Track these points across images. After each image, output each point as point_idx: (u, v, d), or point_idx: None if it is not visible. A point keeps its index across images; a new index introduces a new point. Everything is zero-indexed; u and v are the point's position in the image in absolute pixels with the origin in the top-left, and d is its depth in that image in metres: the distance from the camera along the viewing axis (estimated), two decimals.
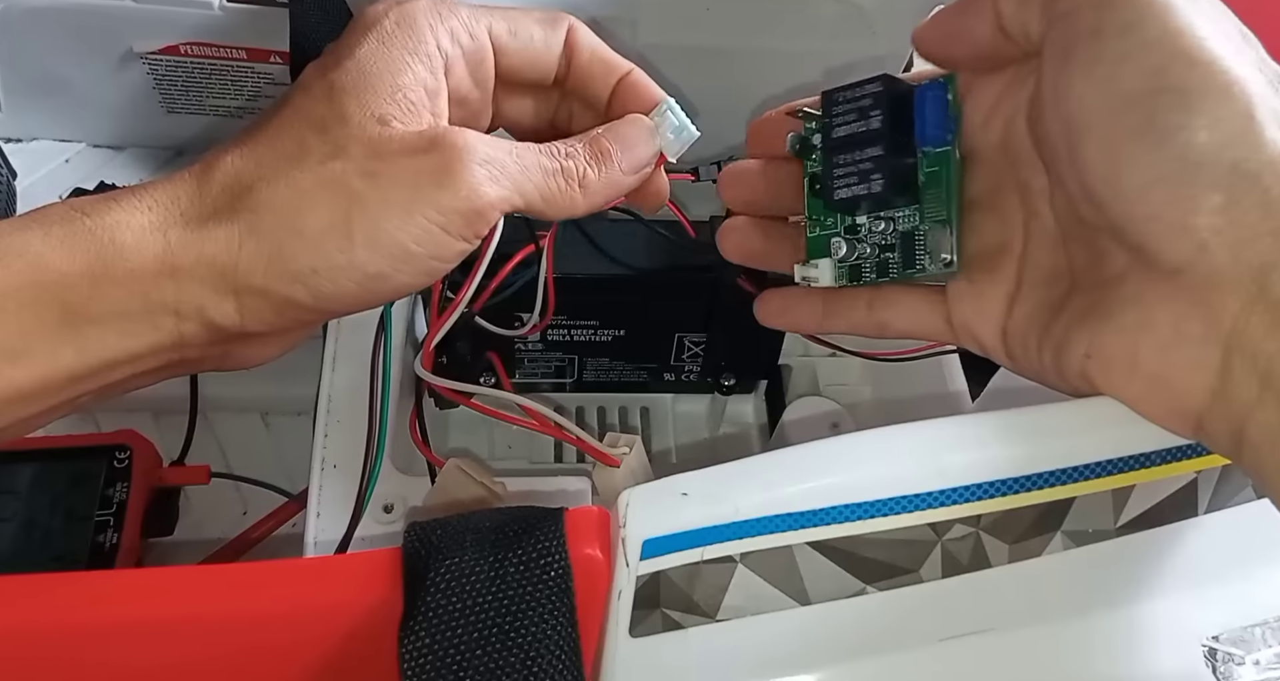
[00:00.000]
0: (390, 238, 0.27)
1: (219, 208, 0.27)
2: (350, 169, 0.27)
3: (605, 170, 0.30)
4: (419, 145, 0.27)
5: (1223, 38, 0.24)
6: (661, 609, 0.26)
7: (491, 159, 0.27)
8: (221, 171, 0.27)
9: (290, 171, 0.27)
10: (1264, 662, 0.28)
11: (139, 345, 0.26)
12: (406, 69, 0.28)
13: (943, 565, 0.27)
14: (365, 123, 0.27)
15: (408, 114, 0.28)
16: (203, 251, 0.26)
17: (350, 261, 0.26)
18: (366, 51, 0.28)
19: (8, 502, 0.41)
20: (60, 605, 0.25)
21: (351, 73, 0.28)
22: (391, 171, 0.27)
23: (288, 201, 0.27)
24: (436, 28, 0.29)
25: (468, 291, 0.33)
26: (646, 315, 0.45)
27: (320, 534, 0.36)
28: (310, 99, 0.28)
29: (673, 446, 0.51)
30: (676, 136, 0.31)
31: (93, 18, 0.47)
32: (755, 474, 0.26)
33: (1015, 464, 0.26)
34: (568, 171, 0.29)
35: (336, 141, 0.27)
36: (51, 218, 0.26)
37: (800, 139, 0.32)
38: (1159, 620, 0.29)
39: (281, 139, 0.27)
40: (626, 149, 0.30)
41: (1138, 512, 0.28)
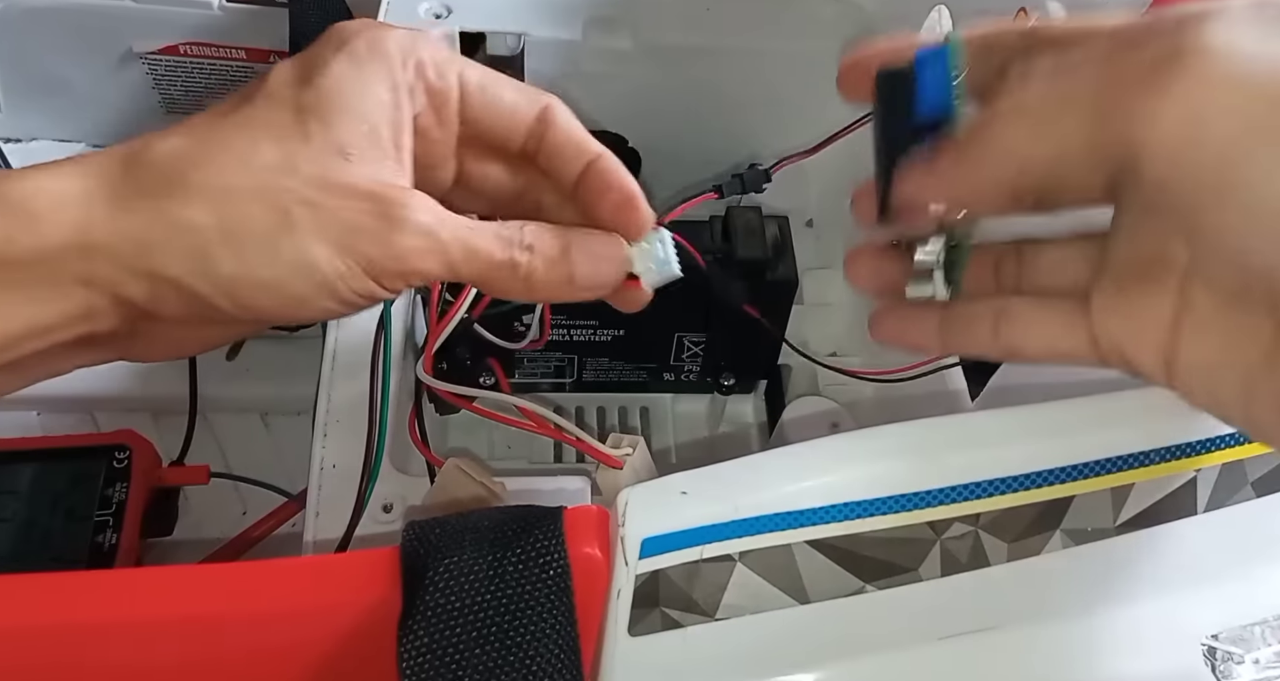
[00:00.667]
0: (316, 268, 0.26)
1: (147, 188, 0.26)
2: (294, 191, 0.26)
3: (557, 276, 0.29)
4: (367, 193, 0.27)
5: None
6: (661, 607, 0.26)
7: (432, 231, 0.27)
8: (159, 151, 0.27)
9: (232, 168, 0.26)
10: (1263, 661, 0.28)
11: (47, 315, 0.26)
12: (373, 98, 0.28)
13: (942, 564, 0.27)
14: (325, 148, 0.27)
15: (369, 148, 0.27)
16: (122, 228, 0.26)
17: (274, 278, 0.26)
18: (337, 72, 0.27)
19: (7, 502, 0.41)
20: (60, 605, 0.25)
21: (320, 92, 0.27)
22: (332, 208, 0.26)
23: (221, 199, 0.26)
24: (407, 58, 0.28)
25: (466, 297, 0.33)
26: (646, 315, 0.45)
27: (319, 533, 0.36)
28: (274, 109, 0.27)
29: (672, 446, 0.51)
30: (659, 268, 0.30)
31: (93, 18, 0.48)
32: (754, 473, 0.26)
33: (1014, 463, 0.26)
34: (517, 266, 0.28)
35: (290, 158, 0.26)
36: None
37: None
38: (1158, 618, 0.29)
39: (233, 136, 0.27)
40: (590, 265, 0.29)
41: (1137, 511, 0.28)
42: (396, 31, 0.29)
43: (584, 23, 0.49)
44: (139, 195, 0.26)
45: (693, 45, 0.50)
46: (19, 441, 0.44)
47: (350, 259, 0.26)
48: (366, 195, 0.27)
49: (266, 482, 0.47)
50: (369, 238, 0.26)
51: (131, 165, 0.27)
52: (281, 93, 0.28)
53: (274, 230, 0.26)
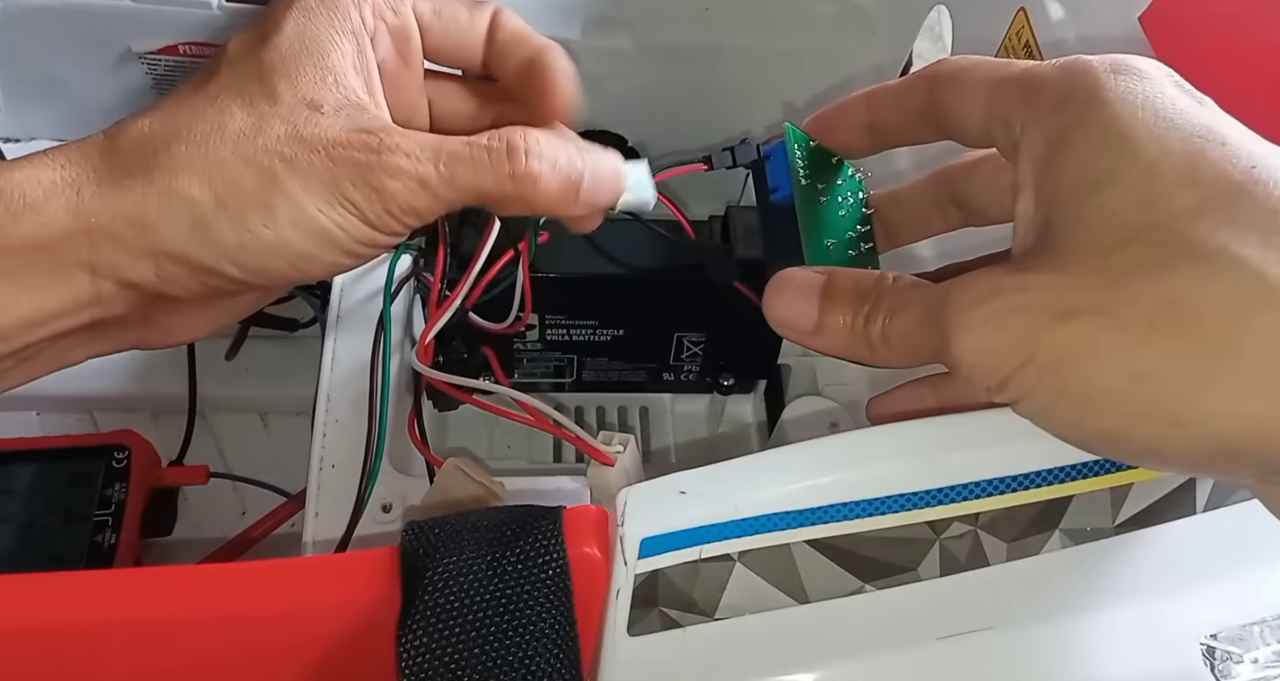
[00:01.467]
0: (313, 221, 0.26)
1: (132, 165, 0.26)
2: (272, 149, 0.26)
3: (561, 181, 0.28)
4: (343, 141, 0.27)
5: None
6: (660, 607, 0.26)
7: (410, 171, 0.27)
8: (135, 131, 0.27)
9: (211, 137, 0.26)
10: (1262, 660, 0.28)
11: (51, 301, 0.26)
12: (334, 47, 0.28)
13: (941, 563, 0.27)
14: (295, 104, 0.27)
15: (339, 97, 0.27)
16: (119, 209, 0.26)
17: (278, 239, 0.26)
18: (293, 28, 0.28)
19: (6, 502, 0.42)
20: (59, 605, 0.25)
21: (280, 50, 0.27)
22: (311, 161, 0.26)
23: (209, 169, 0.26)
24: (361, 3, 0.28)
25: (463, 287, 0.33)
26: (645, 315, 0.45)
27: (318, 533, 0.36)
28: (238, 75, 0.27)
29: (672, 446, 0.51)
30: (636, 188, 0.30)
31: (92, 18, 0.48)
32: (753, 472, 0.26)
33: (1013, 462, 0.26)
34: (511, 169, 0.27)
35: (263, 117, 0.27)
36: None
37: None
38: (1157, 618, 0.29)
39: (204, 107, 0.27)
40: (597, 177, 0.29)
41: (1136, 511, 0.28)
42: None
43: (584, 23, 0.49)
44: (125, 174, 0.26)
45: (693, 45, 0.50)
46: (19, 441, 0.44)
47: (343, 208, 0.27)
48: (343, 143, 0.26)
49: (266, 482, 0.47)
50: (354, 185, 0.26)
51: (112, 147, 0.27)
52: (242, 58, 0.28)
53: (265, 192, 0.26)
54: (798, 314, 0.26)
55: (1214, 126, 0.22)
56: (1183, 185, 0.21)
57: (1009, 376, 0.22)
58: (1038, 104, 0.23)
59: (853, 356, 0.26)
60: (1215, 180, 0.21)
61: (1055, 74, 0.24)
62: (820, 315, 0.26)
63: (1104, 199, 0.21)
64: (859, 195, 0.30)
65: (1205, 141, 0.21)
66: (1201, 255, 0.20)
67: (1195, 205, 0.20)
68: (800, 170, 0.29)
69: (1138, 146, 0.21)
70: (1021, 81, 0.24)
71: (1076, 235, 0.21)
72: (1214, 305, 0.19)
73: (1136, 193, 0.21)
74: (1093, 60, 0.23)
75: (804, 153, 0.30)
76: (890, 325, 0.24)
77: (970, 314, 0.22)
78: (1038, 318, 0.21)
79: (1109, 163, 0.21)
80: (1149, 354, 0.20)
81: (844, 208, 0.30)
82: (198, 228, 0.26)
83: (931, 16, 0.47)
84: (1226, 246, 0.20)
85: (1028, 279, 0.22)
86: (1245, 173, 0.20)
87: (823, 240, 0.29)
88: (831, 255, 0.29)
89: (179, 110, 0.27)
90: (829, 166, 0.30)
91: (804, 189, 0.29)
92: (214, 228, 0.26)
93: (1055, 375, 0.21)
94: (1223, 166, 0.21)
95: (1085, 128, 0.22)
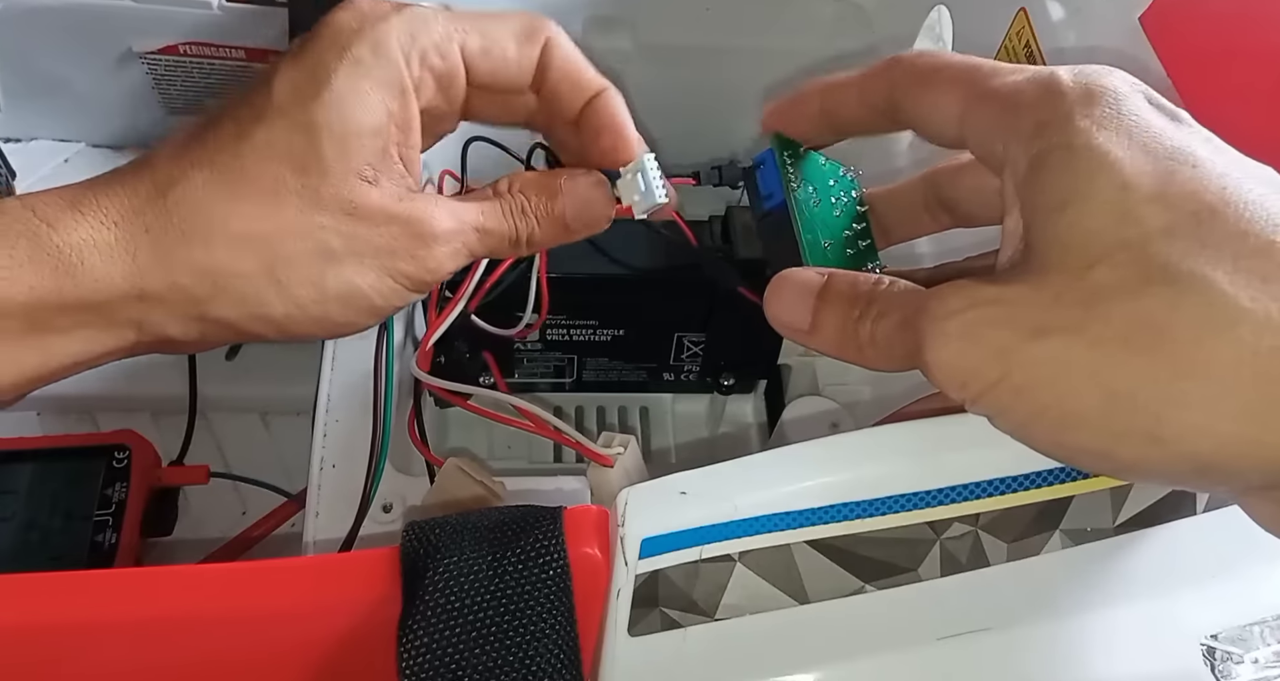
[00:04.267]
0: (360, 294, 0.28)
1: (189, 235, 0.27)
2: (328, 226, 0.27)
3: (552, 227, 0.31)
4: (394, 216, 0.28)
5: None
6: (660, 607, 0.26)
7: (456, 235, 0.29)
8: (188, 190, 0.27)
9: (267, 212, 0.27)
10: (1263, 661, 0.28)
11: (98, 350, 0.28)
12: (381, 107, 0.28)
13: (941, 564, 0.27)
14: (347, 177, 0.27)
15: (385, 163, 0.28)
16: (174, 281, 0.27)
17: (323, 313, 0.28)
18: (342, 85, 0.27)
19: (7, 502, 0.42)
20: (59, 605, 0.25)
21: (329, 108, 0.27)
22: (366, 236, 0.28)
23: (264, 246, 0.27)
24: (410, 52, 0.28)
25: (465, 291, 0.33)
26: (646, 315, 0.45)
27: (319, 533, 0.36)
28: (286, 129, 0.27)
29: (672, 446, 0.51)
30: (643, 198, 0.31)
31: (92, 18, 0.48)
32: (754, 473, 0.26)
33: (1013, 462, 0.26)
34: (518, 232, 0.30)
35: (316, 192, 0.27)
36: (15, 230, 0.26)
37: None
38: (1157, 618, 0.29)
39: (258, 171, 0.27)
40: (579, 208, 0.31)
41: (1136, 511, 0.28)
42: (396, 25, 0.28)
43: (584, 23, 0.49)
44: (182, 243, 0.27)
45: (693, 45, 0.50)
46: (19, 441, 0.44)
47: (391, 280, 0.28)
48: (393, 218, 0.28)
49: (266, 482, 0.47)
50: (406, 258, 0.28)
51: (163, 206, 0.27)
52: (290, 111, 0.27)
53: (319, 268, 0.27)
54: (795, 313, 0.26)
55: (1186, 146, 0.22)
56: (1154, 206, 0.21)
57: (983, 392, 0.22)
58: (1018, 124, 0.24)
59: (843, 357, 0.27)
60: (1186, 201, 0.21)
61: (1034, 93, 0.24)
62: (814, 315, 0.26)
63: (1077, 218, 0.21)
64: (852, 194, 0.30)
65: (1177, 163, 0.21)
66: (1172, 277, 0.20)
67: (1166, 226, 0.20)
68: (790, 176, 0.30)
69: (1111, 168, 0.21)
70: (1000, 100, 0.24)
71: (1052, 253, 0.22)
72: (1184, 326, 0.20)
73: (1109, 213, 0.21)
74: (1066, 81, 0.23)
75: (793, 158, 0.30)
76: (876, 328, 0.25)
77: (945, 325, 0.22)
78: (1012, 334, 0.21)
79: (1084, 184, 0.22)
80: (1123, 373, 0.20)
81: (839, 207, 0.30)
82: (248, 301, 0.27)
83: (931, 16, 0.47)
84: (1196, 268, 0.20)
85: (1004, 294, 0.22)
86: (1216, 193, 0.21)
87: (820, 242, 0.29)
88: (830, 255, 0.29)
89: (231, 171, 0.27)
90: (819, 168, 0.30)
91: (796, 194, 0.30)
92: (264, 302, 0.27)
93: (1031, 393, 0.21)
94: (1194, 187, 0.21)
95: (1061, 151, 0.22)
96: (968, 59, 0.26)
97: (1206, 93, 0.34)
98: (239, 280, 0.27)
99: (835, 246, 0.30)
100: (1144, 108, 0.23)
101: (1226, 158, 0.22)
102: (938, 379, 0.23)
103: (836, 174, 0.30)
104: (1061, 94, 0.23)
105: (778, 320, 0.27)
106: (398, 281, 0.28)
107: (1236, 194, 0.21)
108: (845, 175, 0.30)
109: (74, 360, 0.27)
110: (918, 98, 0.26)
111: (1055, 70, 0.24)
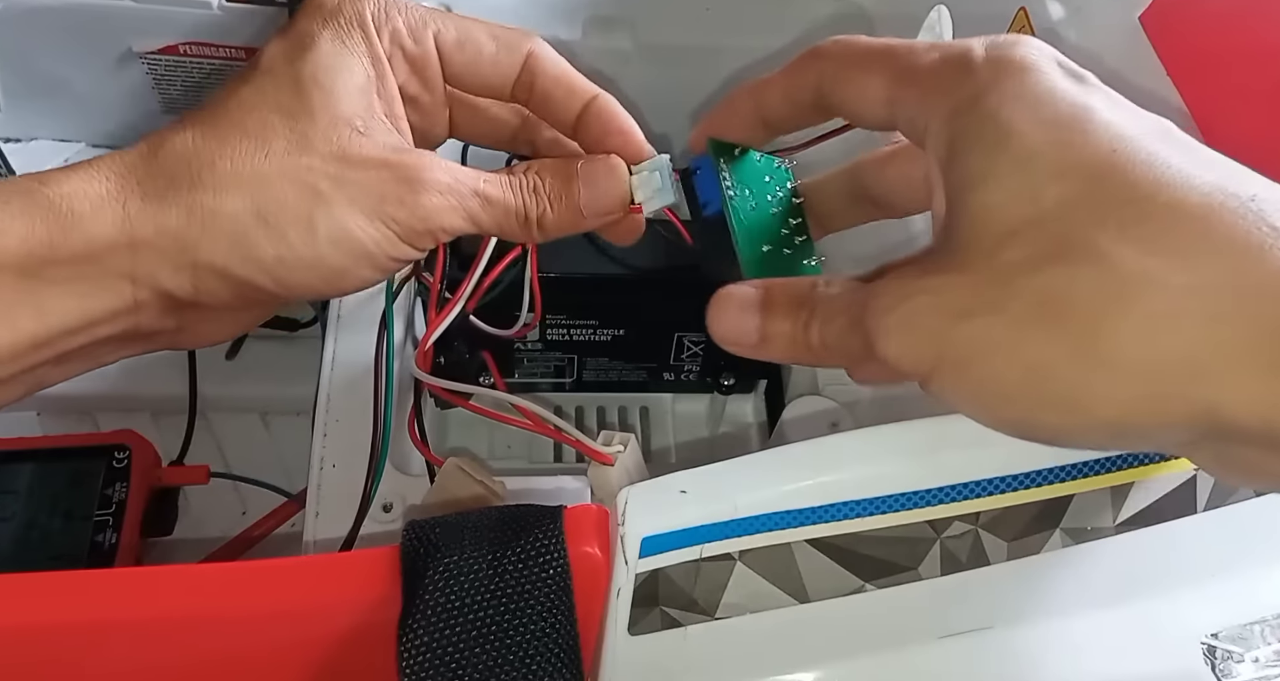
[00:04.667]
0: (352, 237, 0.28)
1: (177, 180, 0.27)
2: (317, 168, 0.27)
3: (566, 211, 0.30)
4: (385, 161, 0.28)
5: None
6: (660, 606, 0.26)
7: (451, 189, 0.28)
8: (178, 143, 0.27)
9: (255, 154, 0.27)
10: (1263, 660, 0.28)
11: (95, 309, 0.27)
12: (363, 70, 0.29)
13: (941, 562, 0.27)
14: (335, 123, 0.28)
15: (373, 117, 0.28)
16: (163, 224, 0.27)
17: (315, 255, 0.27)
18: (326, 48, 0.28)
19: (7, 502, 0.41)
20: (60, 604, 0.25)
21: (316, 66, 0.28)
22: (356, 179, 0.27)
23: (252, 186, 0.27)
24: (381, 27, 0.29)
25: (464, 291, 0.33)
26: (646, 315, 0.45)
27: (319, 533, 0.36)
28: (275, 84, 0.28)
29: (672, 445, 0.51)
30: (657, 196, 0.31)
31: (92, 18, 0.47)
32: (754, 472, 0.26)
33: (1014, 461, 0.26)
34: (527, 210, 0.30)
35: (305, 135, 0.27)
36: (11, 189, 0.26)
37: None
38: (1158, 618, 0.29)
39: (245, 119, 0.28)
40: (594, 193, 0.31)
41: (1136, 510, 0.28)
42: (371, 2, 0.30)
43: (584, 23, 0.49)
44: (170, 189, 0.27)
45: (693, 45, 0.50)
46: (19, 441, 0.44)
47: (382, 225, 0.28)
48: (385, 163, 0.28)
49: (266, 482, 0.47)
50: (396, 203, 0.28)
51: (154, 161, 0.27)
52: (277, 68, 0.28)
53: (308, 208, 0.27)
54: (741, 329, 0.27)
55: (1084, 111, 0.22)
56: (1052, 177, 0.21)
57: (929, 376, 0.23)
58: (937, 104, 0.24)
59: (798, 362, 0.27)
60: (1078, 169, 0.21)
61: (950, 73, 0.24)
62: (763, 327, 0.26)
63: (984, 196, 0.22)
64: (788, 186, 0.30)
65: (1072, 131, 0.22)
66: (1068, 249, 0.21)
67: (1062, 197, 0.21)
68: (725, 181, 0.30)
69: (1014, 142, 0.22)
70: (921, 80, 0.25)
71: (966, 233, 0.22)
72: (1082, 297, 0.20)
73: (1013, 187, 0.22)
74: (978, 57, 0.24)
75: (728, 161, 0.30)
76: (826, 330, 0.25)
77: (887, 319, 0.23)
78: (942, 318, 0.22)
79: (990, 162, 0.22)
80: (1037, 347, 0.21)
81: (775, 204, 0.30)
82: (239, 243, 0.27)
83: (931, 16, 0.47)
84: (1089, 238, 0.21)
85: (932, 282, 0.23)
86: (1105, 159, 0.21)
87: (759, 247, 0.29)
88: (769, 259, 0.29)
89: (219, 122, 0.28)
90: (755, 165, 0.30)
91: (734, 202, 0.30)
92: (254, 243, 0.27)
93: (966, 371, 0.22)
94: (1087, 154, 0.21)
95: (972, 129, 0.23)
96: (887, 41, 0.26)
97: (1206, 93, 0.34)
98: (226, 220, 0.27)
99: (774, 249, 0.30)
100: (1051, 75, 0.23)
101: (1121, 116, 0.22)
102: (893, 368, 0.23)
103: (771, 168, 0.30)
104: (973, 71, 0.24)
105: (725, 339, 0.27)
106: (389, 226, 0.28)
107: (1125, 156, 0.21)
108: (780, 167, 0.30)
109: (70, 320, 0.27)
110: (844, 85, 0.27)
111: (969, 46, 0.24)
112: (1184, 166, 0.21)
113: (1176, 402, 0.20)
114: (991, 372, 0.22)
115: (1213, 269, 0.19)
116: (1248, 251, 0.19)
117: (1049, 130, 0.22)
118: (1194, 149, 0.22)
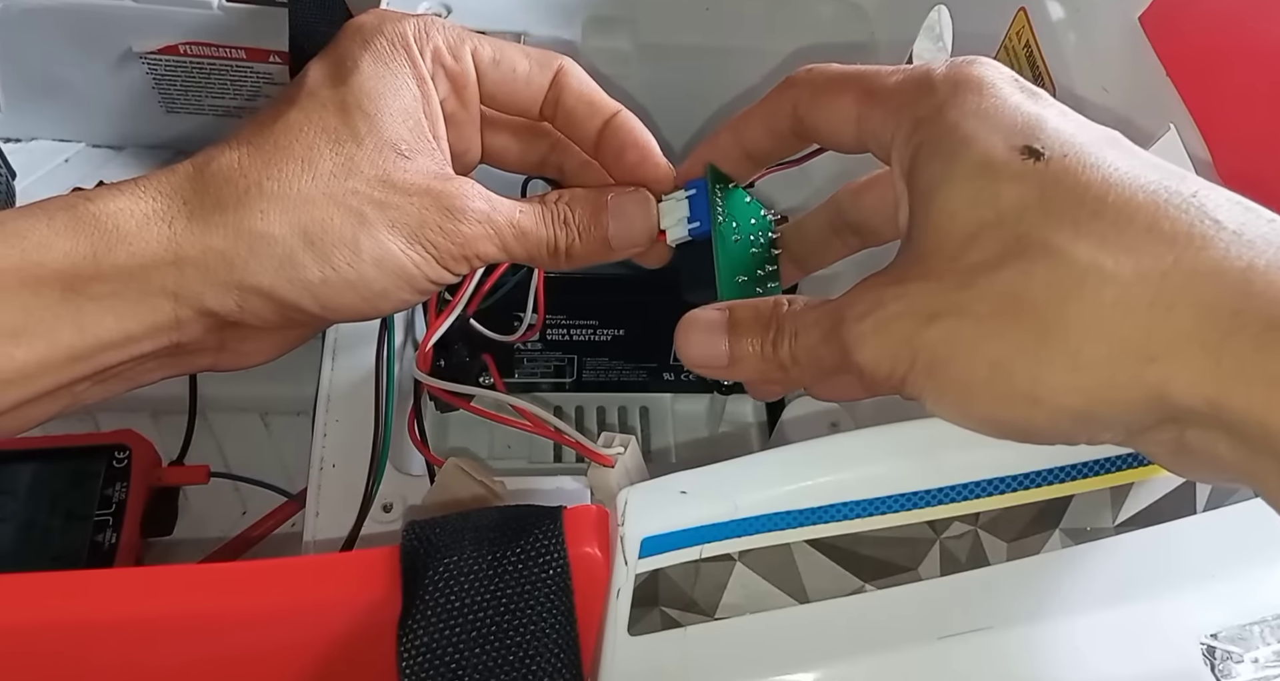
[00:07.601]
0: (395, 260, 0.28)
1: (224, 200, 0.27)
2: (362, 192, 0.28)
3: (594, 243, 0.31)
4: (426, 188, 0.28)
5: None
6: (660, 607, 0.26)
7: (488, 219, 0.29)
8: (224, 164, 0.28)
9: (301, 176, 0.28)
10: (1263, 660, 0.28)
11: (136, 326, 0.27)
12: (407, 91, 0.29)
13: (941, 563, 0.27)
14: (380, 147, 0.28)
15: (417, 142, 0.29)
16: (209, 244, 0.27)
17: (359, 276, 0.28)
18: (369, 70, 0.29)
19: (7, 502, 0.42)
20: (60, 604, 0.25)
21: (359, 91, 0.29)
22: (399, 203, 0.28)
23: (298, 208, 0.27)
24: (424, 46, 0.30)
25: (464, 293, 0.33)
26: (646, 314, 0.45)
27: (319, 533, 0.36)
28: (320, 108, 0.29)
29: (672, 445, 0.51)
30: (684, 224, 0.31)
31: (92, 18, 0.48)
32: (754, 472, 0.26)
33: (1013, 462, 0.26)
34: (557, 241, 0.31)
35: (351, 159, 0.28)
36: (55, 205, 0.27)
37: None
38: (1157, 618, 0.29)
39: (292, 142, 0.28)
40: (623, 226, 0.31)
41: (1136, 510, 0.28)
42: (411, 20, 0.30)
43: (584, 23, 0.49)
44: (217, 209, 0.27)
45: (693, 45, 0.50)
46: (19, 441, 0.44)
47: (422, 250, 0.28)
48: (427, 190, 0.28)
49: (266, 482, 0.47)
50: (435, 229, 0.28)
51: (201, 181, 0.28)
52: (321, 92, 0.29)
53: (352, 231, 0.28)
54: (709, 350, 0.28)
55: (1038, 122, 0.23)
56: (1008, 184, 0.23)
57: (903, 379, 0.23)
58: (901, 120, 0.25)
59: (768, 380, 0.29)
60: (1033, 173, 0.22)
61: (911, 91, 0.25)
62: (731, 348, 0.27)
63: (945, 202, 0.23)
64: (769, 235, 0.32)
65: (1025, 137, 0.23)
66: (1025, 248, 0.22)
67: (1019, 200, 0.22)
68: (718, 209, 0.31)
69: (972, 150, 0.23)
70: (885, 100, 0.26)
71: (930, 238, 0.23)
72: (1039, 292, 0.21)
73: (972, 192, 0.23)
74: (938, 76, 0.25)
75: (722, 193, 0.31)
76: (796, 346, 0.26)
77: (861, 326, 0.24)
78: (912, 323, 0.23)
79: (949, 168, 0.23)
80: (998, 344, 0.22)
81: (755, 246, 0.31)
82: (284, 264, 0.27)
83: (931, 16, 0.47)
84: (1045, 237, 0.22)
85: (901, 288, 0.24)
86: (1059, 162, 0.22)
87: (735, 276, 0.31)
88: (742, 289, 0.31)
89: (265, 144, 0.28)
90: (744, 206, 0.31)
91: (720, 227, 0.31)
92: (299, 264, 0.27)
93: (936, 373, 0.23)
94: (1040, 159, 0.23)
95: (932, 142, 0.24)
96: (857, 67, 0.28)
97: (1206, 93, 0.34)
98: (273, 242, 0.27)
99: (748, 283, 0.31)
100: (1006, 91, 0.24)
101: (1071, 125, 0.23)
102: (869, 376, 0.24)
103: (757, 214, 0.31)
104: (933, 89, 0.25)
105: (695, 362, 0.28)
106: (429, 251, 0.29)
107: (1076, 161, 0.22)
108: (765, 216, 0.32)
109: (111, 336, 0.27)
110: (818, 110, 0.28)
111: (929, 66, 0.26)
112: (1130, 169, 0.22)
113: (1133, 387, 0.21)
114: (959, 372, 0.22)
115: (1160, 259, 0.21)
116: (1190, 242, 0.21)
117: (1005, 138, 0.23)
118: (1138, 154, 0.23)
